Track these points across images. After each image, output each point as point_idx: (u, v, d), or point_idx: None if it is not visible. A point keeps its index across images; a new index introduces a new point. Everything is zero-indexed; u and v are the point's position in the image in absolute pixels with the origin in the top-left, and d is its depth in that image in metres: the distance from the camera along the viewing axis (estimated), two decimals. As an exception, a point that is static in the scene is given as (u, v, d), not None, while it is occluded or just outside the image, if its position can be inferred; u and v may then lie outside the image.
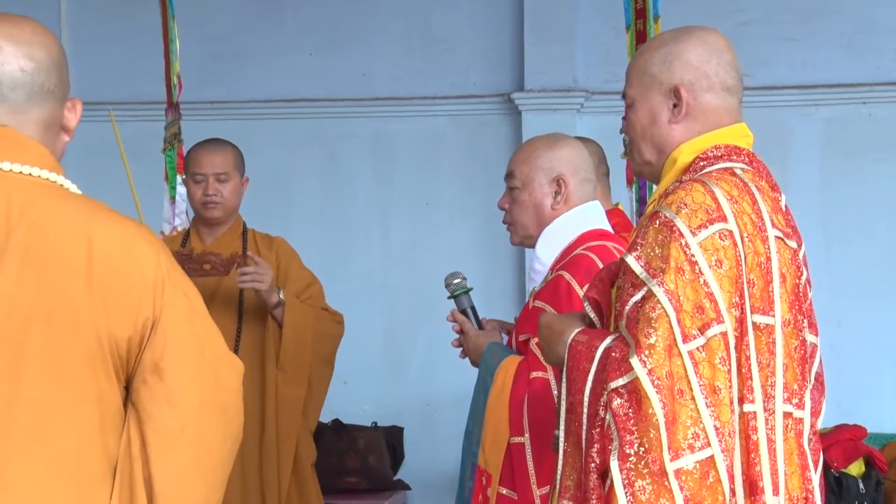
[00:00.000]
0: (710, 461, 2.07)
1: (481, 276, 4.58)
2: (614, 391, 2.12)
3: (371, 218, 6.18)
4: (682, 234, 2.13)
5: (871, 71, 6.02)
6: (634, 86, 2.40)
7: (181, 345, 1.95)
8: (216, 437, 1.96)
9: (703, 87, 2.33)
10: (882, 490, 5.30)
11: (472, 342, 3.16)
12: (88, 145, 6.32)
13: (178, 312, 1.96)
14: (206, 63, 6.17)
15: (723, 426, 2.09)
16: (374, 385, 5.72)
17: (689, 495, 2.05)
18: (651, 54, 2.39)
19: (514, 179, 3.12)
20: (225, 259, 3.94)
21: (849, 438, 5.34)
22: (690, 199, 2.17)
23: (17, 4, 6.62)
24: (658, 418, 2.07)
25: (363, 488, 5.54)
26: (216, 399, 1.97)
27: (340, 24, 6.31)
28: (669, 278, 2.11)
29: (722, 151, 2.29)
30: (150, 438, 1.89)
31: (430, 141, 6.27)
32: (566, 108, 6.07)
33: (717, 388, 2.09)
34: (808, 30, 6.05)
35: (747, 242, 2.16)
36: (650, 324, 2.10)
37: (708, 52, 2.35)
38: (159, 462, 1.89)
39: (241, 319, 4.10)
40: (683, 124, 2.33)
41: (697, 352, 2.09)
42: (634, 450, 2.09)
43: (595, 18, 6.05)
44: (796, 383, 2.21)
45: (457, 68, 6.27)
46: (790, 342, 2.20)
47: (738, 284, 2.14)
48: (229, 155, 4.15)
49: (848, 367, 5.36)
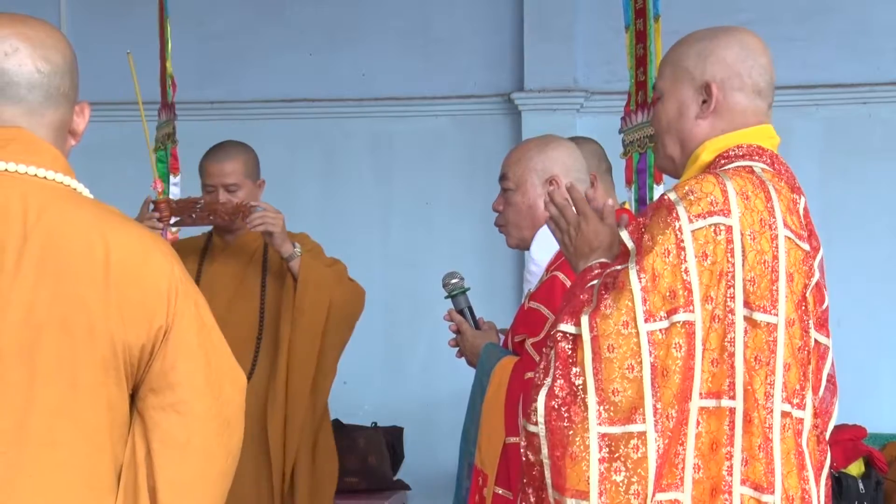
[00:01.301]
0: (641, 436, 2.09)
1: (481, 276, 4.60)
2: (562, 334, 2.17)
3: (371, 218, 6.20)
4: (678, 218, 2.15)
5: (872, 71, 6.03)
6: (667, 78, 2.41)
7: (191, 356, 1.94)
8: (220, 449, 1.96)
9: (734, 87, 2.34)
10: (882, 490, 5.30)
11: (469, 342, 3.17)
12: (87, 145, 6.35)
13: (189, 323, 1.96)
14: (205, 63, 6.19)
15: (664, 408, 2.10)
16: (374, 385, 5.73)
17: (605, 456, 2.08)
18: (687, 48, 2.39)
19: (507, 181, 3.14)
20: (231, 207, 3.97)
21: (848, 438, 5.34)
22: (699, 188, 2.18)
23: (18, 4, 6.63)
24: (589, 383, 2.10)
25: (363, 488, 5.54)
26: (221, 412, 1.96)
27: (340, 24, 6.32)
28: (649, 259, 2.14)
29: (744, 151, 2.31)
30: (156, 447, 1.89)
31: (430, 141, 6.28)
32: (566, 108, 6.08)
33: (667, 371, 2.11)
34: (808, 30, 6.06)
35: (750, 241, 2.17)
36: (615, 296, 2.13)
37: (744, 52, 2.36)
38: (164, 471, 1.89)
39: (265, 280, 4.12)
40: (710, 121, 2.34)
41: (659, 333, 2.11)
42: (562, 397, 2.13)
43: (594, 18, 6.05)
44: (798, 383, 2.22)
45: (457, 68, 6.28)
46: (794, 342, 2.21)
47: (723, 280, 2.15)
48: (238, 163, 4.12)
49: (847, 367, 5.29)
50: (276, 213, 3.95)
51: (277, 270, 4.10)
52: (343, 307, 4.08)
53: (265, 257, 4.15)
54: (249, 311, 4.10)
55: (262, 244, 4.15)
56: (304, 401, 4.00)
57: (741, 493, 2.14)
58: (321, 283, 4.01)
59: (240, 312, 4.10)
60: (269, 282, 4.11)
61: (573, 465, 2.09)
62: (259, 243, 4.15)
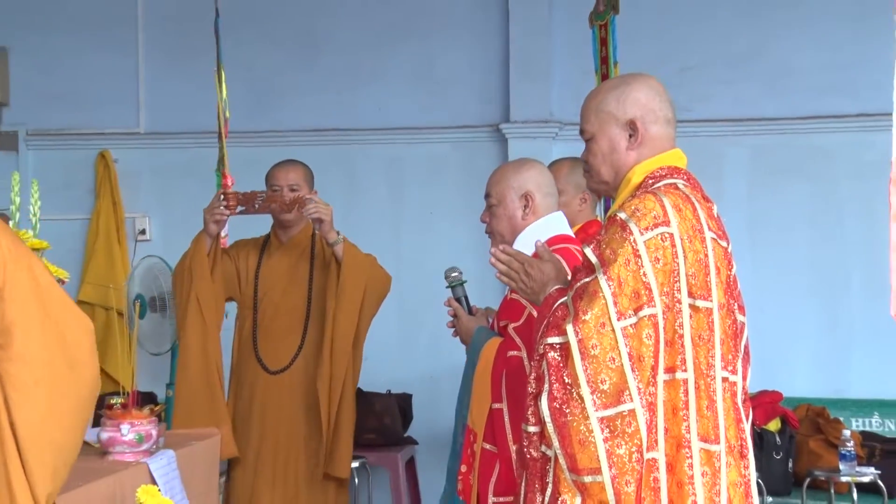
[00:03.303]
0: (631, 413, 2.09)
1: (475, 272, 4.55)
2: (550, 345, 2.16)
3: (385, 225, 6.18)
4: (632, 233, 2.15)
5: (789, 107, 6.02)
6: (592, 122, 2.39)
7: (26, 311, 1.88)
8: (68, 386, 1.90)
9: (651, 120, 2.35)
10: (794, 442, 5.32)
11: (464, 325, 3.15)
12: (160, 166, 6.34)
13: (22, 284, 1.89)
14: (253, 100, 6.18)
15: (644, 387, 2.10)
16: (389, 361, 5.71)
17: (608, 435, 2.07)
18: (604, 96, 2.39)
19: (491, 198, 3.12)
20: (289, 199, 3.98)
21: (768, 401, 5.34)
22: (643, 206, 2.18)
23: (100, 55, 6.65)
24: (581, 378, 2.09)
25: (380, 443, 5.55)
26: (64, 354, 1.90)
27: (361, 68, 6.32)
28: (614, 269, 2.14)
29: (666, 171, 2.31)
30: (9, 392, 1.85)
31: (434, 163, 6.26)
32: (544, 136, 6.06)
33: (641, 357, 2.11)
34: (738, 74, 6.04)
35: (687, 243, 2.17)
36: (589, 303, 2.13)
37: (652, 92, 2.37)
38: (19, 411, 1.84)
39: (312, 270, 4.11)
40: (637, 150, 2.34)
41: (630, 328, 2.11)
42: (560, 397, 2.12)
43: (567, 63, 6.04)
44: (731, 354, 2.24)
45: (455, 104, 6.26)
46: (725, 321, 2.22)
47: (672, 277, 2.15)
48: (300, 171, 4.16)
49: (768, 345, 5.32)
50: (327, 205, 3.97)
51: (321, 262, 4.11)
52: (375, 287, 4.08)
53: (313, 253, 4.15)
54: (299, 296, 4.12)
55: (309, 242, 4.15)
56: (346, 359, 4.00)
57: (698, 447, 2.15)
58: (359, 266, 4.02)
59: (292, 297, 4.12)
60: (315, 271, 4.12)
61: (583, 449, 2.08)
62: (307, 242, 4.15)
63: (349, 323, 3.98)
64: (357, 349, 4.07)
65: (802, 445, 5.35)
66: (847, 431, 4.93)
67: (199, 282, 3.96)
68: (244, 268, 4.18)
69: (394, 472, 5.55)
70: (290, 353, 4.07)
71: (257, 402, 4.06)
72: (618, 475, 2.06)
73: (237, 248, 4.24)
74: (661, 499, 2.12)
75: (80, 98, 6.37)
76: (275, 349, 4.08)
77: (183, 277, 4.01)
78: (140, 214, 6.38)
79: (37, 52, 6.40)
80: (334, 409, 3.98)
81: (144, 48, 6.41)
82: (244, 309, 4.18)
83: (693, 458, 2.14)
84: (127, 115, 6.40)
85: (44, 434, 1.86)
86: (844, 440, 4.87)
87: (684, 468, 2.13)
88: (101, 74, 6.38)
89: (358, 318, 4.02)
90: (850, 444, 4.85)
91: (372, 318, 4.12)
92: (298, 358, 4.06)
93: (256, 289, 4.16)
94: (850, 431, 4.99)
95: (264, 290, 4.15)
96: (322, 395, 3.96)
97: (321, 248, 4.11)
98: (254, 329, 4.12)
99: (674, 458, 2.14)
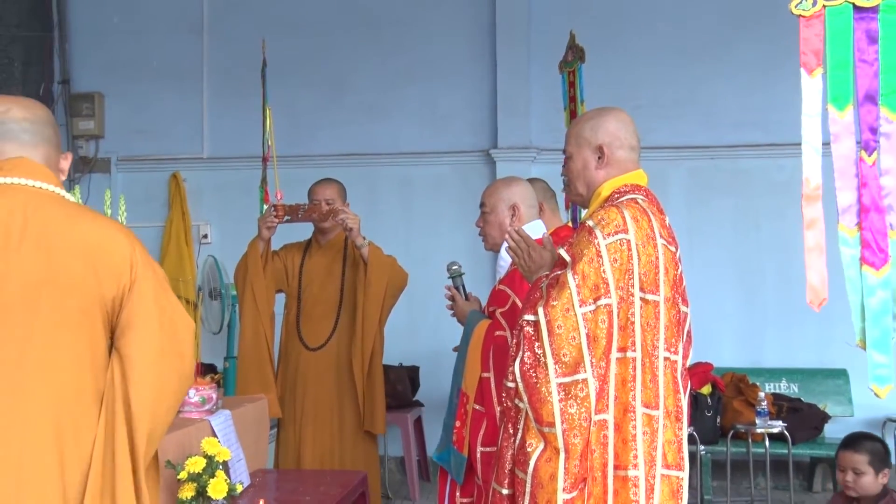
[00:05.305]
0: (584, 381, 2.08)
1: (470, 267, 4.56)
2: (526, 321, 2.15)
3: (398, 231, 6.17)
4: (596, 237, 2.14)
5: (717, 138, 6.04)
6: (572, 144, 2.38)
7: (148, 307, 1.85)
8: (174, 374, 1.87)
9: (617, 146, 2.32)
10: (721, 402, 5.34)
11: (460, 308, 3.13)
12: (219, 183, 6.35)
13: (147, 284, 1.86)
14: (292, 130, 6.18)
15: (597, 362, 2.09)
16: (401, 339, 5.70)
17: (562, 397, 2.07)
18: (583, 124, 2.37)
19: (485, 207, 3.09)
20: (326, 210, 3.96)
21: (702, 371, 5.35)
22: (608, 216, 2.16)
23: (174, 98, 6.66)
24: (547, 350, 2.09)
25: (393, 406, 5.50)
26: (174, 347, 1.87)
27: (378, 105, 6.32)
28: (580, 266, 2.12)
29: (629, 188, 2.28)
30: (128, 373, 1.81)
31: (437, 181, 6.26)
32: (525, 159, 6.05)
33: (596, 338, 2.10)
34: (678, 111, 6.06)
35: (642, 248, 2.15)
36: (559, 292, 2.11)
37: (620, 123, 2.34)
38: (134, 389, 1.80)
39: (345, 269, 4.08)
40: (605, 170, 2.32)
41: (589, 314, 2.09)
42: (530, 363, 2.11)
43: (543, 101, 6.04)
44: (674, 338, 2.21)
45: (454, 133, 6.26)
46: (670, 312, 2.19)
47: (627, 275, 2.13)
48: (335, 187, 4.12)
49: (701, 326, 5.29)
50: (355, 215, 3.95)
51: (352, 262, 4.09)
52: (395, 282, 4.07)
53: (345, 253, 4.14)
54: (334, 290, 4.09)
55: (343, 245, 4.14)
56: (372, 339, 3.99)
57: (641, 412, 2.14)
58: (382, 266, 4.01)
59: (328, 290, 4.10)
60: (347, 269, 4.10)
61: (542, 406, 2.07)
62: (341, 244, 4.14)
63: (375, 310, 3.98)
64: (381, 331, 4.08)
65: (728, 405, 5.38)
66: (762, 393, 4.95)
67: (253, 277, 3.98)
68: (290, 266, 4.17)
69: (404, 428, 5.54)
70: (326, 334, 4.07)
71: (300, 373, 4.08)
72: (568, 430, 2.05)
73: (286, 250, 4.24)
74: (608, 452, 2.10)
75: (157, 131, 6.47)
76: (314, 331, 4.08)
77: (241, 274, 4.02)
78: (203, 222, 6.41)
79: (125, 96, 6.50)
80: (364, 378, 4.00)
81: (207, 92, 6.46)
82: (290, 299, 4.18)
83: (637, 420, 2.11)
84: (194, 143, 6.45)
85: (150, 410, 1.83)
86: (760, 400, 4.89)
87: (629, 428, 2.11)
88: (174, 113, 6.45)
89: (381, 307, 4.02)
90: (764, 403, 4.89)
91: (392, 307, 4.12)
92: (332, 338, 4.07)
93: (300, 282, 4.15)
94: (765, 394, 5.02)
95: (306, 283, 4.14)
96: (356, 367, 3.98)
97: (352, 250, 4.10)
98: (297, 315, 4.12)
99: (621, 420, 2.12)
